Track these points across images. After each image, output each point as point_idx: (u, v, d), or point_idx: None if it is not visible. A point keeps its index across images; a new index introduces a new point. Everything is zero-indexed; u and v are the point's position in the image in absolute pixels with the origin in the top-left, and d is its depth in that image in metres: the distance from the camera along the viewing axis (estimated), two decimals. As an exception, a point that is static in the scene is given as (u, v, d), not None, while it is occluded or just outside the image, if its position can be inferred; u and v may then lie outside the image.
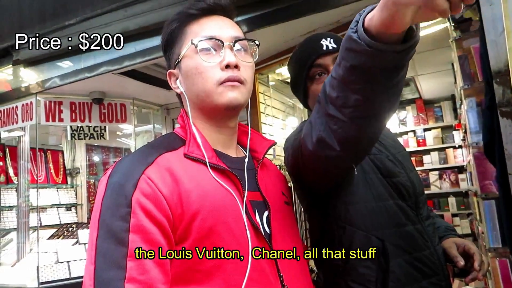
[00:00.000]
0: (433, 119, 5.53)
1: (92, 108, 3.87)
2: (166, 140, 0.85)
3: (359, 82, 0.67)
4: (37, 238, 3.46)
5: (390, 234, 1.05)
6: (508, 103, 1.30)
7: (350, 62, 0.65)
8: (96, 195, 0.80)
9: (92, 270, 0.67)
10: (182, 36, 0.87)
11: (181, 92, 0.88)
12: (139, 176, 0.72)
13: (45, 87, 3.15)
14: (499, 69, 1.35)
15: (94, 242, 0.69)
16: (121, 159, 0.79)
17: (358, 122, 0.73)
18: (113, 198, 0.71)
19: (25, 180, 3.66)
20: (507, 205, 1.38)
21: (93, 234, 0.70)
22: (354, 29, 0.63)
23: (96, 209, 0.72)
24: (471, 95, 2.07)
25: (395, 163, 1.18)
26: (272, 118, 3.88)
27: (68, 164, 5.18)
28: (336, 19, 2.73)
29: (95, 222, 0.70)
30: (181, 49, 0.86)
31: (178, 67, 0.88)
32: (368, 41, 0.61)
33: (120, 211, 0.69)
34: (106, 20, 2.63)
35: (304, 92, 1.19)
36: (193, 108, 0.87)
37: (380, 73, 0.65)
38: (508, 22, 1.24)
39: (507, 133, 1.32)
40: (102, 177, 0.78)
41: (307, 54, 1.16)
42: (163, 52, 0.94)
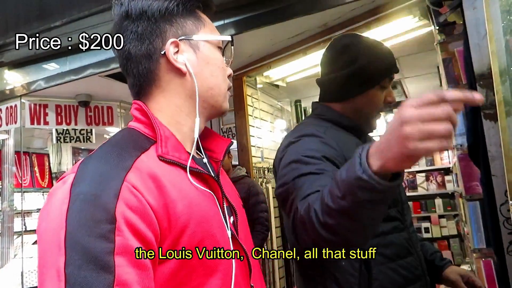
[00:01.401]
0: (420, 122, 5.60)
1: (78, 111, 3.83)
2: (130, 138, 0.73)
3: (363, 213, 0.75)
4: (22, 243, 3.41)
5: (375, 243, 1.06)
6: (491, 105, 1.32)
7: (360, 198, 0.72)
8: (44, 209, 0.62)
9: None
10: (197, 16, 0.80)
11: (185, 73, 0.76)
12: (121, 184, 0.60)
13: (30, 90, 3.10)
14: (482, 72, 1.37)
15: (61, 271, 0.55)
16: (84, 162, 0.66)
17: (353, 237, 0.84)
18: (86, 213, 0.57)
19: (9, 184, 3.60)
20: (490, 206, 1.40)
21: (56, 260, 0.56)
22: (361, 169, 0.69)
23: (55, 227, 0.58)
24: (455, 97, 2.10)
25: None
26: (260, 121, 3.89)
27: (54, 167, 5.12)
28: (323, 22, 2.75)
29: (58, 244, 0.56)
30: (198, 29, 0.79)
31: (190, 45, 0.77)
32: (380, 182, 0.68)
33: (99, 228, 0.56)
34: (93, 22, 2.61)
35: (363, 90, 1.19)
36: (191, 97, 0.77)
37: (382, 203, 0.76)
38: (490, 26, 1.26)
39: (490, 135, 1.34)
40: (57, 184, 0.65)
41: (391, 62, 1.22)
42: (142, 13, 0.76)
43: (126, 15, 0.77)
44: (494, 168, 1.34)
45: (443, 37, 2.12)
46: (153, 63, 0.76)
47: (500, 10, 1.22)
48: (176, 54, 0.76)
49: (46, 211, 0.62)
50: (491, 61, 1.26)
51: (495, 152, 1.33)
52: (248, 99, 3.70)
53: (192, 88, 0.77)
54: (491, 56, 1.25)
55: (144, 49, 0.76)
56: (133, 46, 0.77)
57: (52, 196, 0.63)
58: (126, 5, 0.77)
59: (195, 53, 0.78)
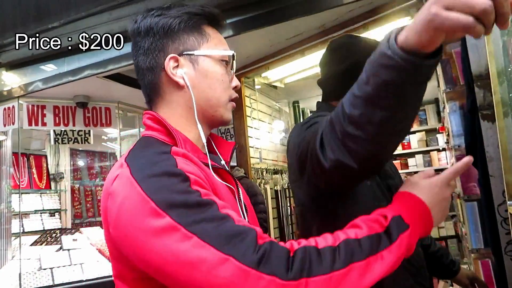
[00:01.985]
0: (418, 122, 5.60)
1: (76, 112, 3.82)
2: (153, 141, 0.80)
3: (389, 98, 0.68)
4: (20, 245, 3.39)
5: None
6: (489, 106, 1.33)
7: (383, 78, 0.66)
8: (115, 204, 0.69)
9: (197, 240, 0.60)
10: (200, 32, 0.85)
11: (184, 86, 0.82)
12: (174, 159, 0.70)
13: (28, 91, 3.10)
14: (480, 73, 1.37)
15: (173, 224, 0.62)
16: (130, 158, 0.73)
17: (381, 139, 0.74)
18: (161, 183, 0.66)
19: (7, 185, 3.59)
20: (488, 207, 1.41)
21: (161, 222, 0.62)
22: (387, 45, 0.65)
23: (139, 205, 0.64)
24: (453, 98, 2.10)
25: (390, 166, 1.25)
26: (258, 122, 3.89)
27: (51, 169, 5.10)
28: (321, 23, 2.76)
29: (153, 212, 0.63)
30: (200, 44, 0.84)
31: (190, 60, 0.83)
32: (405, 57, 0.63)
33: (180, 187, 0.65)
34: (91, 23, 2.61)
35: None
36: (191, 107, 0.83)
37: (410, 87, 0.68)
38: (488, 27, 1.27)
39: (488, 135, 1.35)
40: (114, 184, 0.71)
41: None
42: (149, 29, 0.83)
43: (137, 32, 0.85)
44: (492, 168, 1.34)
45: (440, 38, 2.12)
46: (156, 76, 0.84)
47: (497, 11, 1.23)
48: (175, 68, 0.82)
49: (119, 203, 0.67)
50: (489, 62, 1.26)
51: (493, 152, 1.33)
52: (246, 100, 3.70)
53: (191, 99, 0.83)
54: (489, 57, 1.26)
55: (148, 62, 0.84)
56: (140, 60, 0.85)
57: (117, 192, 0.69)
58: (139, 23, 0.85)
59: (193, 67, 0.83)
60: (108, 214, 0.70)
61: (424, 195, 0.76)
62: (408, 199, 0.76)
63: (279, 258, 0.60)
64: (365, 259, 0.64)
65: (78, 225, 5.07)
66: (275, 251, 0.61)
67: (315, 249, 0.64)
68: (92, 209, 5.78)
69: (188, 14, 0.84)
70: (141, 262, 0.66)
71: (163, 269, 0.63)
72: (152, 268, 0.64)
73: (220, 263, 0.59)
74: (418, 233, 0.73)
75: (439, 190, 0.78)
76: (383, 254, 0.67)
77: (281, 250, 0.62)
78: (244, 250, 0.60)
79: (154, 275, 0.66)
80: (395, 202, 0.77)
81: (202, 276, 0.59)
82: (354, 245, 0.66)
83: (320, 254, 0.63)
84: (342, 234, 0.69)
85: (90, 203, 5.78)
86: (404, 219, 0.71)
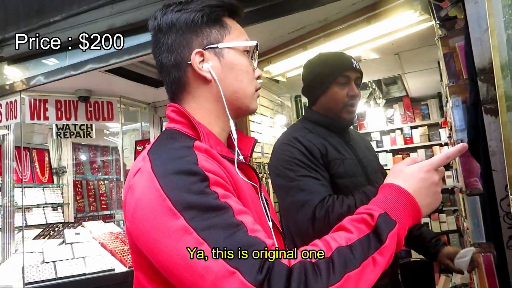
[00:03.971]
0: (420, 117, 5.59)
1: (78, 106, 3.83)
2: (176, 134, 0.81)
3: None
4: (22, 238, 3.41)
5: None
6: (492, 100, 1.32)
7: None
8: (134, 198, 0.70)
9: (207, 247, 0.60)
10: (222, 24, 0.86)
11: (211, 79, 0.83)
12: (195, 156, 0.70)
13: (30, 85, 3.10)
14: (483, 67, 1.37)
15: (186, 226, 0.62)
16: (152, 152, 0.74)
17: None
18: (180, 181, 0.66)
19: (10, 179, 3.61)
20: (491, 201, 1.41)
21: (175, 222, 0.63)
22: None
23: (156, 201, 0.65)
24: (456, 92, 2.09)
25: (358, 165, 1.50)
26: (260, 116, 3.88)
27: (54, 163, 5.12)
28: (324, 17, 2.74)
29: (168, 211, 0.64)
30: (223, 37, 0.84)
31: (215, 53, 0.84)
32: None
33: (198, 187, 0.66)
34: (93, 17, 2.60)
35: (322, 92, 1.52)
36: (218, 100, 0.84)
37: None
38: (492, 20, 1.26)
39: (491, 130, 1.34)
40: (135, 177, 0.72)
41: (339, 64, 1.51)
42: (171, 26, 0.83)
43: (158, 29, 0.85)
44: (495, 163, 1.34)
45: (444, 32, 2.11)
46: (182, 72, 0.84)
47: (502, 4, 1.22)
48: (201, 63, 0.83)
49: (137, 198, 0.68)
50: (493, 56, 1.25)
51: (496, 147, 1.32)
52: (248, 94, 3.68)
53: (218, 93, 0.83)
54: (493, 50, 1.25)
55: (173, 59, 0.84)
56: (164, 57, 0.85)
57: (137, 186, 0.70)
58: (159, 19, 0.84)
59: (219, 61, 0.84)
60: (126, 208, 0.71)
61: (407, 183, 0.77)
62: (392, 191, 0.76)
63: (280, 278, 0.60)
64: (359, 266, 0.65)
65: (80, 219, 5.10)
66: (277, 269, 0.61)
67: (311, 264, 0.63)
68: (94, 203, 5.80)
69: (210, 7, 0.84)
70: (153, 258, 0.67)
71: (171, 270, 0.64)
72: (162, 266, 0.65)
73: (227, 276, 0.59)
74: (407, 224, 0.74)
75: (424, 175, 0.78)
76: (375, 257, 0.67)
77: (282, 269, 0.61)
78: (251, 266, 0.60)
79: (163, 273, 0.67)
80: (379, 196, 0.77)
81: (208, 286, 0.60)
82: (347, 253, 0.66)
83: (315, 269, 0.63)
84: (333, 242, 0.68)
85: (92, 197, 5.80)
86: (390, 215, 0.72)
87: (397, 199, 0.75)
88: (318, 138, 1.45)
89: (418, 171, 0.78)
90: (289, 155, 1.39)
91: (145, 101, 4.40)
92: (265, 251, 0.62)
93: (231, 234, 0.62)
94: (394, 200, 0.74)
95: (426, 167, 0.79)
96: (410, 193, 0.75)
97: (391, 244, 0.70)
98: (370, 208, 0.74)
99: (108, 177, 6.12)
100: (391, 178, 0.80)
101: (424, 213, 0.77)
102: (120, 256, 3.44)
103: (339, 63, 1.52)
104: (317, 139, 1.44)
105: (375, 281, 0.67)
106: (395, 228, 0.71)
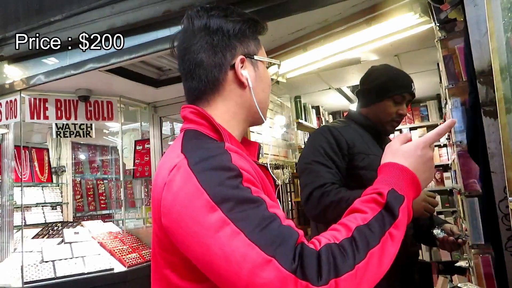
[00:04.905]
0: (419, 118, 5.59)
1: (78, 106, 3.83)
2: (199, 135, 0.84)
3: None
4: (21, 238, 3.41)
5: None
6: (491, 102, 1.33)
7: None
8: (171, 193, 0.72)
9: (244, 237, 0.63)
10: (256, 39, 0.93)
11: (245, 85, 0.89)
12: (229, 154, 0.74)
13: (30, 84, 3.10)
14: (482, 69, 1.37)
15: (224, 218, 0.65)
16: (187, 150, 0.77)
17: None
18: (217, 176, 0.69)
19: (9, 178, 3.60)
20: (489, 203, 1.41)
21: (213, 215, 0.66)
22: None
23: (194, 195, 0.68)
24: (455, 94, 2.10)
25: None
26: (260, 117, 3.88)
27: (53, 162, 5.12)
28: (324, 18, 2.75)
29: (206, 205, 0.67)
30: (257, 50, 0.92)
31: (251, 63, 0.90)
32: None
33: (233, 182, 0.69)
34: (93, 17, 2.60)
35: (378, 101, 1.68)
36: (245, 107, 0.90)
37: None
38: (491, 23, 1.27)
39: (490, 131, 1.35)
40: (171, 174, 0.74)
41: (402, 84, 1.66)
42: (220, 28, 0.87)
43: (204, 27, 0.88)
44: (493, 164, 1.34)
45: (443, 34, 2.12)
46: (222, 73, 0.88)
47: (501, 7, 1.23)
48: (241, 69, 0.88)
49: (174, 192, 0.71)
50: (492, 58, 1.26)
51: (495, 149, 1.33)
52: (248, 94, 3.69)
53: (247, 99, 0.90)
54: (492, 53, 1.25)
55: (217, 59, 0.87)
56: (206, 55, 0.87)
57: (174, 181, 0.72)
58: (206, 19, 0.88)
59: (254, 70, 0.91)
60: (162, 203, 0.73)
61: (406, 160, 0.82)
62: (394, 169, 0.81)
63: (311, 264, 0.63)
64: (379, 242, 0.69)
65: (79, 219, 5.10)
66: (308, 256, 0.64)
67: (336, 246, 0.67)
68: (93, 202, 5.80)
69: (254, 21, 0.91)
70: (189, 252, 0.69)
71: (209, 261, 0.66)
72: (199, 259, 0.68)
73: (264, 264, 0.62)
74: (412, 197, 0.79)
75: (420, 151, 0.83)
76: (391, 231, 0.72)
77: (312, 255, 0.65)
78: (286, 254, 0.63)
79: (199, 266, 0.69)
80: (382, 175, 0.81)
81: (245, 275, 0.62)
82: (366, 231, 0.70)
83: (341, 250, 0.66)
84: (351, 223, 0.71)
85: (91, 196, 5.80)
86: (398, 191, 0.76)
87: (400, 175, 0.79)
88: (351, 131, 1.63)
89: (415, 149, 0.83)
90: (316, 142, 1.59)
91: (145, 101, 4.40)
92: (297, 239, 0.66)
93: (266, 224, 0.66)
94: (398, 176, 0.79)
95: (422, 144, 0.84)
96: (411, 170, 0.80)
97: (403, 217, 0.74)
98: (377, 187, 0.78)
99: (108, 176, 6.12)
100: (389, 157, 0.84)
101: (422, 187, 0.82)
102: (119, 255, 3.45)
103: (402, 83, 1.66)
104: (350, 132, 1.61)
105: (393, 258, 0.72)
106: (404, 202, 0.76)
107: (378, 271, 0.68)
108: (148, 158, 4.33)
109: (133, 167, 4.41)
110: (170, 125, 5.08)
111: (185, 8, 2.00)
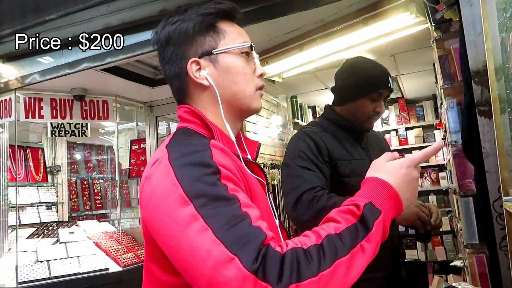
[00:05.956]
0: (415, 118, 5.61)
1: (73, 105, 3.81)
2: (191, 132, 0.85)
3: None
4: (16, 237, 3.40)
5: None
6: (486, 102, 1.33)
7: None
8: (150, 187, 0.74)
9: (211, 234, 0.63)
10: (216, 30, 0.88)
11: (209, 85, 0.86)
12: (210, 151, 0.74)
13: (25, 83, 3.08)
14: (477, 69, 1.38)
15: (195, 213, 0.65)
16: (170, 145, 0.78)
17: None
18: (194, 172, 0.70)
19: (4, 178, 3.58)
20: (484, 202, 1.42)
21: (185, 209, 0.66)
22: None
23: (169, 189, 0.69)
24: (451, 94, 2.11)
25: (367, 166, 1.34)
26: (256, 116, 3.88)
27: (48, 161, 5.09)
28: (320, 17, 2.75)
29: (179, 199, 0.67)
30: (217, 43, 0.87)
31: (210, 59, 0.87)
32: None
33: (210, 178, 0.69)
34: (88, 16, 2.59)
35: (353, 99, 1.58)
36: (224, 101, 0.88)
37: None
38: (487, 24, 1.27)
39: (484, 131, 1.35)
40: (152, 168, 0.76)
41: (378, 81, 1.56)
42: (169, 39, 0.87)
43: (159, 43, 0.90)
44: (488, 164, 1.35)
45: (439, 34, 2.12)
46: (182, 82, 0.88)
47: (496, 7, 1.23)
48: (198, 71, 0.86)
49: (153, 186, 0.73)
50: (487, 59, 1.26)
51: (489, 149, 1.34)
52: (244, 94, 3.68)
53: (223, 94, 0.87)
54: (487, 53, 1.26)
55: (173, 70, 0.88)
56: (167, 68, 0.90)
57: (154, 175, 0.74)
58: (159, 34, 0.89)
59: (214, 66, 0.87)
60: (142, 196, 0.75)
61: (390, 177, 0.80)
62: (375, 183, 0.79)
63: (274, 266, 0.62)
64: (348, 253, 0.68)
65: (75, 218, 5.07)
66: (271, 257, 0.63)
67: (302, 251, 0.66)
68: (89, 202, 5.78)
69: (202, 16, 0.86)
70: (162, 244, 0.71)
71: (176, 254, 0.67)
72: (169, 251, 0.69)
73: (227, 261, 0.62)
74: (391, 215, 0.77)
75: (405, 171, 0.81)
76: (363, 244, 0.70)
77: (275, 257, 0.64)
78: (249, 254, 0.62)
79: (169, 257, 0.70)
80: (363, 189, 0.80)
81: (208, 271, 0.62)
82: (336, 241, 0.68)
83: (307, 255, 0.65)
84: (322, 231, 0.71)
85: (87, 196, 5.77)
86: (375, 205, 0.75)
87: (380, 190, 0.78)
88: (330, 137, 1.56)
89: (400, 167, 0.81)
90: (296, 147, 1.53)
91: (141, 101, 4.39)
92: (263, 241, 0.65)
93: (236, 223, 0.65)
94: (378, 191, 0.77)
95: (407, 163, 0.83)
96: (393, 186, 0.79)
97: (378, 231, 0.73)
98: (355, 199, 0.76)
99: (103, 176, 6.09)
100: (373, 172, 0.83)
101: (404, 206, 0.80)
102: (114, 255, 3.43)
103: (378, 80, 1.57)
104: (328, 138, 1.56)
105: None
106: (380, 217, 0.74)
107: (344, 282, 0.66)
108: (144, 157, 4.32)
109: (129, 166, 4.40)
110: (166, 125, 5.07)
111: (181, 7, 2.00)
